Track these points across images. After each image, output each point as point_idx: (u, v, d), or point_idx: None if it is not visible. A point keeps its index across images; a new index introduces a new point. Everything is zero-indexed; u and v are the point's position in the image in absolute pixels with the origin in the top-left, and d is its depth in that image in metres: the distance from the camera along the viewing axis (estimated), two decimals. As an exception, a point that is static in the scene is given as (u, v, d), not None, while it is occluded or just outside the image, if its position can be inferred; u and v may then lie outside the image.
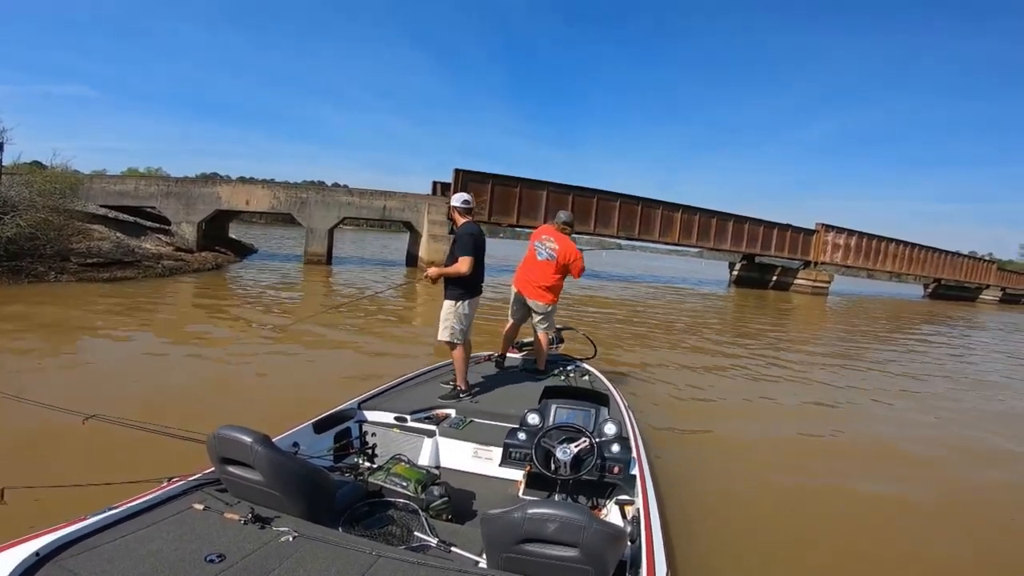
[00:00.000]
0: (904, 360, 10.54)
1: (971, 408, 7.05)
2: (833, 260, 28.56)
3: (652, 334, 10.50)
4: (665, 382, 6.54)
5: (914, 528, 3.50)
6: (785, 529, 3.26)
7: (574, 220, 4.67)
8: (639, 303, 16.92)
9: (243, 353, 6.33)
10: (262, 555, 1.55)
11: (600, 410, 2.91)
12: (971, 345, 14.25)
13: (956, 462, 4.88)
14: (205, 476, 1.97)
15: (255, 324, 8.06)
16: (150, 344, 6.34)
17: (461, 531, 2.15)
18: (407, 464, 2.56)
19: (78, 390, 4.56)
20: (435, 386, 3.72)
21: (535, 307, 4.34)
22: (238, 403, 4.66)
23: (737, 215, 25.70)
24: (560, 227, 4.37)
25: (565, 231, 4.37)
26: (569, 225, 4.43)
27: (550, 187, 20.24)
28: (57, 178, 11.71)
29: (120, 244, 12.26)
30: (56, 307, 7.79)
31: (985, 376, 9.78)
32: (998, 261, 43.42)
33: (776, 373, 7.90)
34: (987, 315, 27.72)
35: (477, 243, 3.65)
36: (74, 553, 1.49)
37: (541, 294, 4.31)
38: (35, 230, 9.89)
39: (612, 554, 1.57)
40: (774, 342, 10.96)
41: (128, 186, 16.70)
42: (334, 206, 18.14)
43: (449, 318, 3.70)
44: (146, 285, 10.47)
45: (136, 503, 1.75)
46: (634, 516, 2.18)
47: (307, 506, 1.85)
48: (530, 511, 1.55)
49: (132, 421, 2.20)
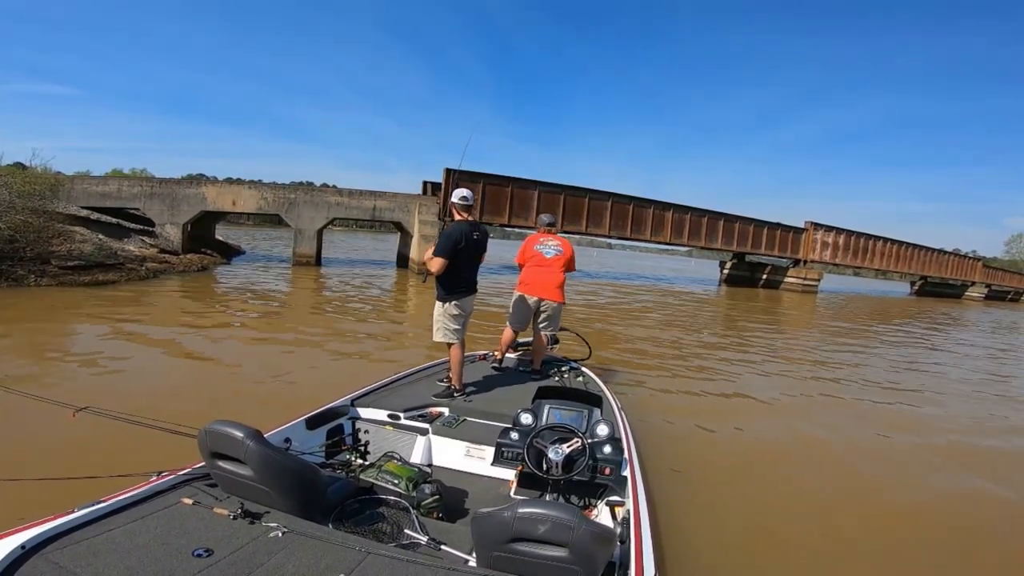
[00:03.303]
0: (903, 360, 10.61)
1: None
2: (822, 258, 28.91)
3: (645, 335, 10.50)
4: (658, 384, 6.50)
5: (913, 529, 3.47)
6: (777, 531, 3.23)
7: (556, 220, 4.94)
8: (631, 303, 16.94)
9: (231, 352, 6.23)
10: (250, 550, 1.54)
11: (593, 411, 2.91)
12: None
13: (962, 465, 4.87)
14: (195, 471, 1.96)
15: (242, 324, 7.92)
16: (136, 343, 6.20)
17: (452, 529, 2.13)
18: (399, 462, 2.56)
19: (66, 387, 4.44)
20: (429, 384, 3.71)
21: (550, 308, 4.40)
22: (228, 400, 4.58)
23: (727, 214, 25.92)
24: (547, 229, 4.60)
25: (552, 231, 4.61)
26: (553, 225, 4.67)
27: (541, 187, 20.24)
28: (37, 179, 11.44)
29: (102, 246, 11.97)
30: (36, 310, 7.61)
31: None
32: (983, 259, 44.15)
33: (770, 374, 7.90)
34: (992, 313, 28.13)
35: (457, 243, 3.57)
36: (60, 546, 1.47)
37: (557, 293, 4.42)
38: (14, 232, 9.64)
39: (601, 555, 1.57)
40: (768, 343, 11.00)
41: (111, 187, 16.39)
42: (323, 206, 17.96)
43: (440, 319, 3.71)
44: (129, 288, 10.25)
45: (124, 497, 1.74)
46: (624, 517, 2.17)
47: (297, 502, 1.84)
48: (520, 511, 1.54)
49: (122, 414, 2.20)
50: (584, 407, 2.92)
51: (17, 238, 9.66)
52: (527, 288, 4.39)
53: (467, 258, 3.69)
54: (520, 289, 4.43)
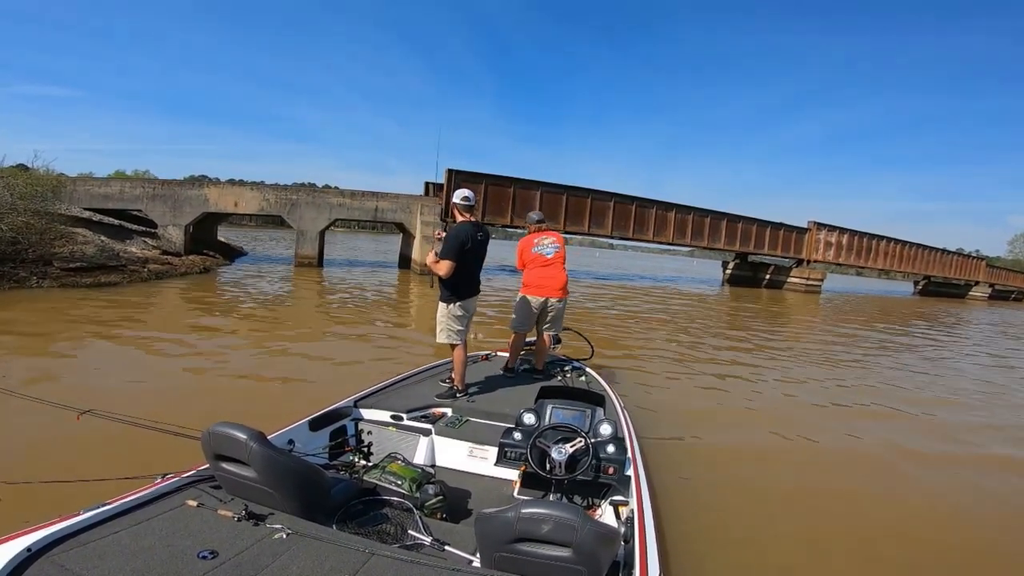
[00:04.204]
0: (904, 360, 10.57)
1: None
2: (825, 258, 28.83)
3: (648, 335, 10.49)
4: (661, 384, 6.49)
5: (910, 529, 3.44)
6: (781, 531, 3.21)
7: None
8: (634, 304, 16.91)
9: (234, 353, 6.22)
10: (255, 552, 1.54)
11: (596, 411, 2.90)
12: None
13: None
14: (199, 473, 1.97)
15: (244, 325, 7.92)
16: (139, 345, 6.20)
17: (455, 530, 2.13)
18: (402, 462, 2.57)
19: (69, 390, 4.43)
20: (432, 385, 3.71)
21: (555, 306, 4.41)
22: (231, 402, 4.58)
23: (730, 214, 25.88)
24: (539, 227, 4.57)
25: (543, 227, 4.59)
26: (543, 221, 4.65)
27: (544, 187, 20.23)
28: (39, 180, 11.48)
29: (104, 248, 12.00)
30: (38, 312, 7.62)
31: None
32: (987, 258, 43.99)
33: (774, 376, 7.87)
34: (999, 312, 27.95)
35: (464, 245, 3.56)
36: (66, 549, 1.47)
37: (562, 291, 4.44)
38: (16, 234, 9.66)
39: (605, 555, 1.57)
40: (771, 344, 10.96)
41: (113, 189, 16.42)
42: (325, 208, 17.98)
43: (443, 320, 3.70)
44: (131, 290, 10.27)
45: (129, 499, 1.74)
46: (628, 517, 2.16)
47: (301, 503, 1.84)
48: (524, 511, 1.54)
49: (126, 417, 2.20)
50: (587, 407, 2.92)
51: (19, 240, 9.70)
52: (535, 290, 4.38)
53: (472, 259, 3.68)
54: (527, 292, 4.41)
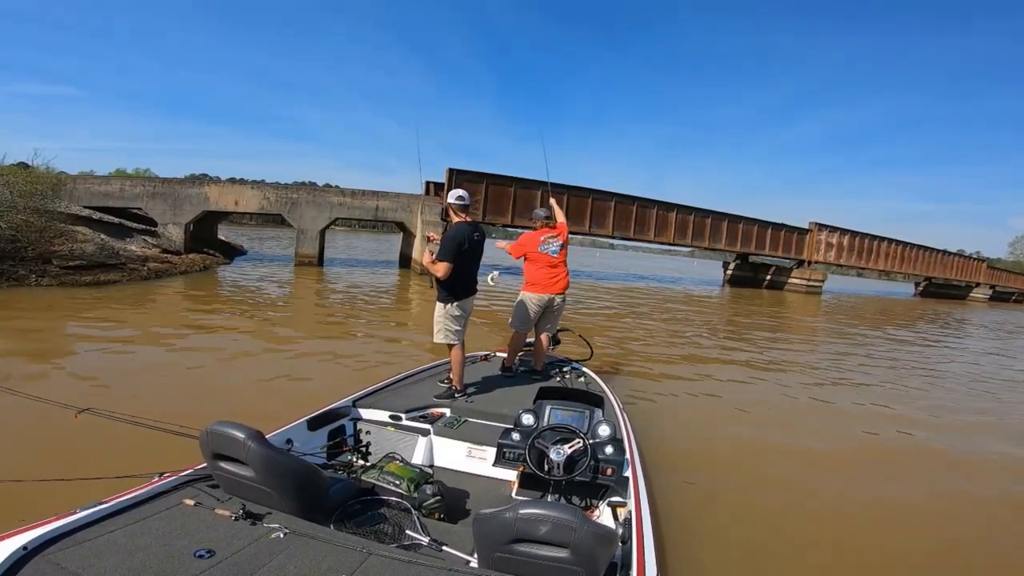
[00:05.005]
0: (904, 361, 10.56)
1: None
2: (826, 259, 28.82)
3: (647, 336, 10.48)
4: (661, 385, 6.49)
5: (909, 528, 3.44)
6: (778, 533, 3.21)
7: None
8: (634, 304, 16.90)
9: (233, 352, 6.22)
10: (252, 551, 1.54)
11: (594, 412, 2.90)
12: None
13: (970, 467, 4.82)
14: (197, 472, 1.97)
15: (244, 324, 7.92)
16: (138, 344, 6.20)
17: (453, 530, 2.13)
18: (400, 463, 2.57)
19: (67, 388, 4.44)
20: (431, 385, 3.71)
21: (557, 303, 4.42)
22: (230, 401, 4.58)
23: (731, 215, 25.88)
24: (547, 223, 4.49)
25: (549, 224, 4.51)
26: (551, 218, 4.56)
27: (545, 187, 20.18)
28: (38, 178, 11.46)
29: (104, 246, 11.99)
30: (37, 310, 7.62)
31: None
32: (987, 260, 43.95)
33: (774, 378, 7.86)
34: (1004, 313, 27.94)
35: (461, 246, 3.55)
36: (62, 547, 1.47)
37: (563, 286, 4.44)
38: (15, 232, 9.66)
39: (603, 555, 1.57)
40: (772, 344, 10.96)
41: (113, 187, 16.43)
42: (325, 207, 17.98)
43: (441, 320, 3.69)
44: (131, 288, 10.27)
45: (126, 498, 1.74)
46: (626, 518, 2.16)
47: (299, 503, 1.84)
48: (522, 511, 1.54)
49: (125, 415, 2.20)
50: (586, 407, 2.91)
51: (19, 238, 9.69)
52: (538, 288, 4.36)
53: (469, 259, 3.68)
54: (532, 290, 4.37)
